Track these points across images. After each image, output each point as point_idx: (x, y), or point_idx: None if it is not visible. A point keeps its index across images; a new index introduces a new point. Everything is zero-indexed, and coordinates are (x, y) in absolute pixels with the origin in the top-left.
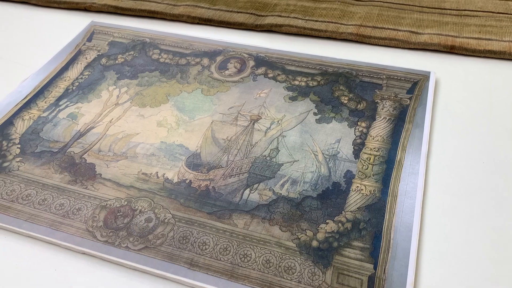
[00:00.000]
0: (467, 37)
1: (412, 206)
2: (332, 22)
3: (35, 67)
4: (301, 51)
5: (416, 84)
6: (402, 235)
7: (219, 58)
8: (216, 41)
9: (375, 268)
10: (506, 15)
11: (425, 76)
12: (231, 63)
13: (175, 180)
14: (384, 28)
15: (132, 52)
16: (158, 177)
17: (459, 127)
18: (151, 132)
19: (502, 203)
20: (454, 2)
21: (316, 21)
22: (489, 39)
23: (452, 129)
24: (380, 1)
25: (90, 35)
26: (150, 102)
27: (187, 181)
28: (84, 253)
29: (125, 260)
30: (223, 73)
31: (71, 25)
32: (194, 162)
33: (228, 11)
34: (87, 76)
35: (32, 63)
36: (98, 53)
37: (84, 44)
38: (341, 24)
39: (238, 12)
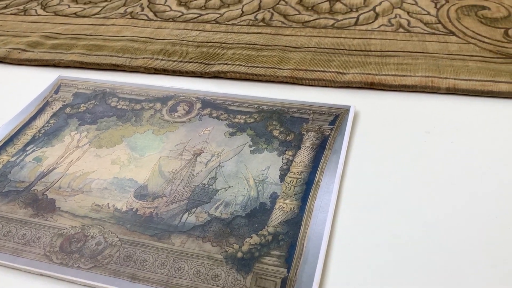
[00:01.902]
0: (385, 75)
1: (324, 219)
2: (270, 67)
3: (7, 118)
4: (243, 93)
5: (337, 117)
6: (314, 243)
7: (170, 102)
8: (169, 88)
9: (288, 271)
10: (422, 53)
11: (346, 110)
12: (180, 106)
13: (124, 209)
14: (315, 71)
15: (93, 101)
16: (109, 208)
17: (372, 151)
18: (105, 169)
19: (403, 215)
20: (378, 45)
21: (257, 67)
22: (404, 75)
23: (366, 153)
24: (314, 47)
25: (57, 88)
26: (106, 143)
27: (134, 210)
28: (42, 275)
29: (77, 278)
30: (173, 115)
31: (41, 80)
32: (141, 193)
33: (180, 61)
34: (52, 124)
35: (4, 115)
36: (63, 103)
37: (51, 96)
38: (278, 68)
39: (190, 62)
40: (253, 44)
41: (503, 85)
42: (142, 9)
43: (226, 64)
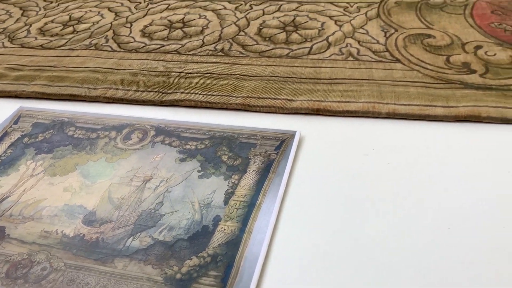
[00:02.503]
0: (331, 101)
1: (262, 239)
2: (225, 95)
3: None
4: (196, 121)
5: (283, 141)
6: (250, 263)
7: (125, 131)
8: (125, 117)
9: None
10: (367, 80)
11: (292, 135)
12: (134, 133)
13: (72, 235)
14: (266, 98)
15: (51, 131)
16: (57, 234)
17: (314, 173)
18: (57, 196)
19: (340, 235)
20: (328, 73)
21: (212, 95)
22: (348, 102)
23: (307, 175)
24: (268, 76)
25: (17, 118)
26: (60, 171)
27: (81, 235)
28: None
29: None
30: (127, 143)
31: (2, 111)
32: (90, 219)
33: (138, 90)
34: (9, 154)
35: None
36: (22, 133)
37: (11, 127)
38: (232, 96)
39: (147, 91)
40: (211, 73)
41: (439, 109)
42: (107, 41)
43: (183, 92)
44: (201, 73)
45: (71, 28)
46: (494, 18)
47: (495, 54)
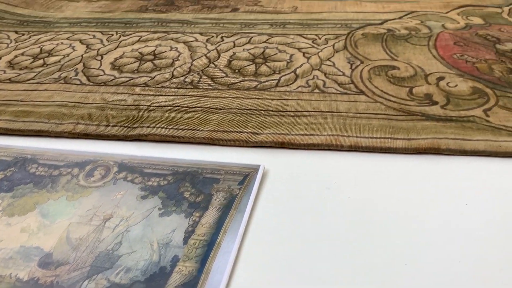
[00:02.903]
0: (295, 134)
1: (219, 280)
2: (190, 129)
3: None
4: (161, 156)
5: (247, 176)
6: None
7: (88, 167)
8: (89, 152)
9: None
10: (332, 113)
11: (255, 169)
12: (97, 170)
13: (26, 279)
14: (232, 131)
15: (13, 168)
16: (10, 278)
17: (276, 209)
18: (13, 238)
19: (300, 272)
20: (294, 105)
21: (178, 129)
22: (312, 135)
23: (270, 211)
24: (236, 108)
25: None
26: (19, 211)
27: (35, 279)
28: None
29: None
30: (89, 180)
31: None
32: (46, 261)
33: (104, 125)
34: None
35: None
36: None
37: None
38: (198, 130)
39: (113, 126)
40: (178, 106)
41: (399, 142)
42: (76, 74)
43: (148, 127)
44: (168, 106)
45: (41, 61)
46: (456, 49)
47: (456, 85)
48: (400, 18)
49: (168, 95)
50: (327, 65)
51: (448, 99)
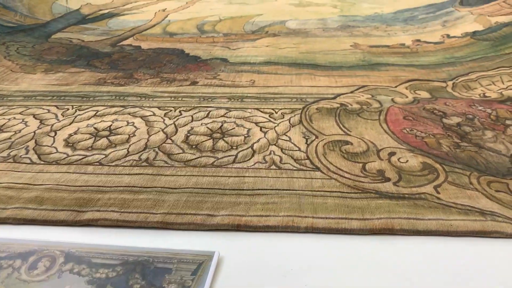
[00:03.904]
0: (252, 215)
1: None
2: (143, 213)
3: None
4: (111, 243)
5: (201, 265)
6: None
7: (31, 258)
8: (35, 241)
9: None
10: (288, 191)
11: (210, 256)
12: (41, 262)
13: None
14: (186, 214)
15: None
16: None
17: None
18: None
19: None
20: (251, 183)
21: (130, 212)
22: (268, 216)
23: None
24: (191, 187)
25: None
26: None
27: None
28: None
29: None
30: (31, 273)
31: None
32: None
33: (52, 209)
34: None
35: None
36: None
37: None
38: (151, 213)
39: (62, 210)
40: (132, 186)
41: (354, 222)
42: (27, 152)
43: (99, 211)
44: (121, 186)
45: None
46: (406, 123)
47: (407, 161)
48: (352, 92)
49: (122, 174)
50: (283, 140)
51: (400, 175)
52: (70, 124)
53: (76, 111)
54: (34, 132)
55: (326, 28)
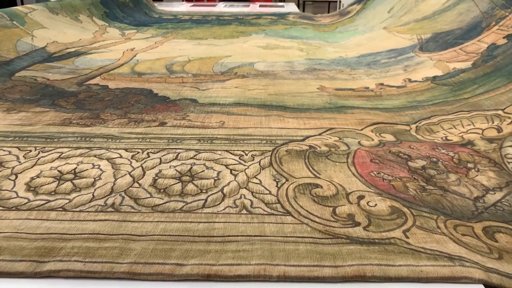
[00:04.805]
0: (222, 264)
1: None
2: (109, 262)
3: None
4: None
5: None
6: None
7: None
8: None
9: None
10: (259, 237)
11: None
12: None
13: None
14: (154, 263)
15: None
16: None
17: None
18: None
19: None
20: (221, 229)
21: (95, 262)
22: (240, 264)
23: None
24: (159, 234)
25: None
26: None
27: None
28: None
29: None
30: None
31: None
32: None
33: (11, 260)
34: None
35: None
36: None
37: None
38: (116, 263)
39: (21, 261)
40: (97, 233)
41: (327, 270)
42: None
43: (61, 261)
44: (86, 233)
45: None
46: (373, 166)
47: (375, 205)
48: (320, 134)
49: (87, 220)
50: (254, 183)
51: (369, 219)
52: (32, 166)
53: (39, 152)
54: None
55: (293, 70)
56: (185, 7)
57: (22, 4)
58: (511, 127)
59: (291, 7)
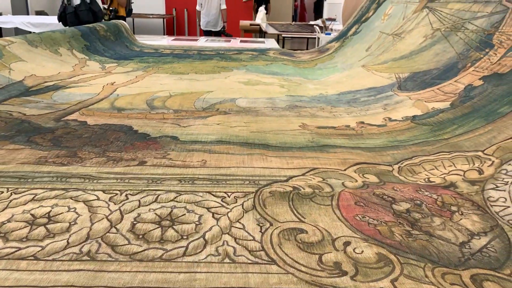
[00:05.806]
0: None
1: None
2: None
3: None
4: None
5: None
6: None
7: None
8: None
9: None
10: None
11: None
12: None
13: None
14: None
15: None
16: None
17: None
18: None
19: None
20: (203, 280)
21: None
22: None
23: None
24: (137, 286)
25: None
26: None
27: None
28: None
29: None
30: None
31: None
32: None
33: None
34: None
35: None
36: None
37: None
38: None
39: None
40: (71, 286)
41: None
42: None
43: None
44: (59, 286)
45: None
46: (358, 210)
47: (362, 252)
48: (303, 174)
49: (60, 270)
50: (237, 227)
51: (356, 268)
52: (3, 210)
53: (11, 194)
54: None
55: (275, 107)
56: (167, 41)
57: (1, 36)
58: (492, 169)
59: (271, 43)
